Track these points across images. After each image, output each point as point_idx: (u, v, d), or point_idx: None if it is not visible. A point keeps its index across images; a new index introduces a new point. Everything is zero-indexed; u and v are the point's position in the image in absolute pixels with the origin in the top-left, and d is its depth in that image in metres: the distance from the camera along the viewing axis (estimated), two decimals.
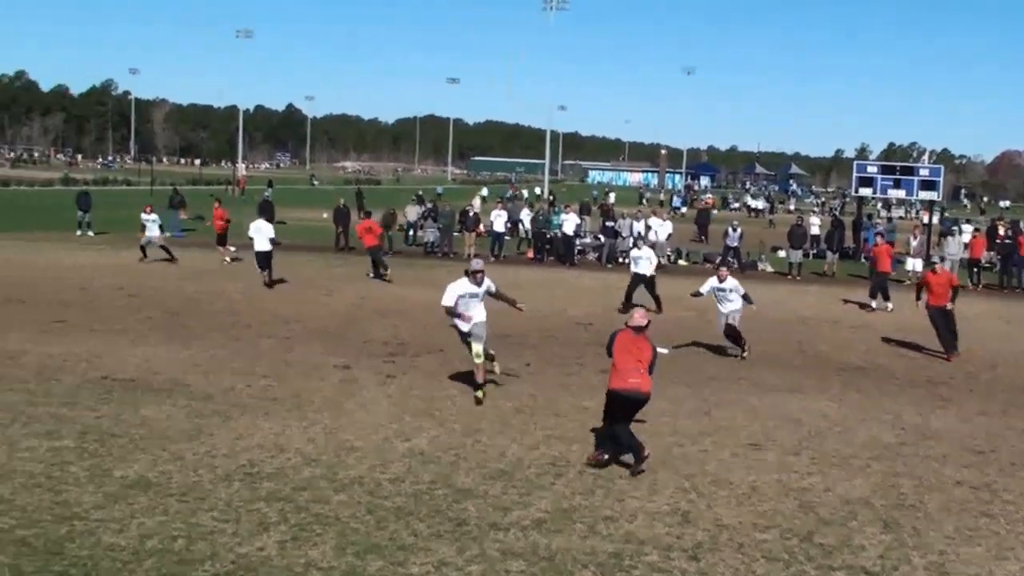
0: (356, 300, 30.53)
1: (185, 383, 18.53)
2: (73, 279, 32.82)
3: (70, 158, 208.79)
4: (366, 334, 24.42)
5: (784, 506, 13.03)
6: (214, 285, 32.51)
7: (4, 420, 15.50)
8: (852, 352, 25.38)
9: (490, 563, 10.71)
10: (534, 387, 19.40)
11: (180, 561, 10.39)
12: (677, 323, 28.53)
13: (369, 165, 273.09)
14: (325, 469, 13.72)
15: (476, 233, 48.36)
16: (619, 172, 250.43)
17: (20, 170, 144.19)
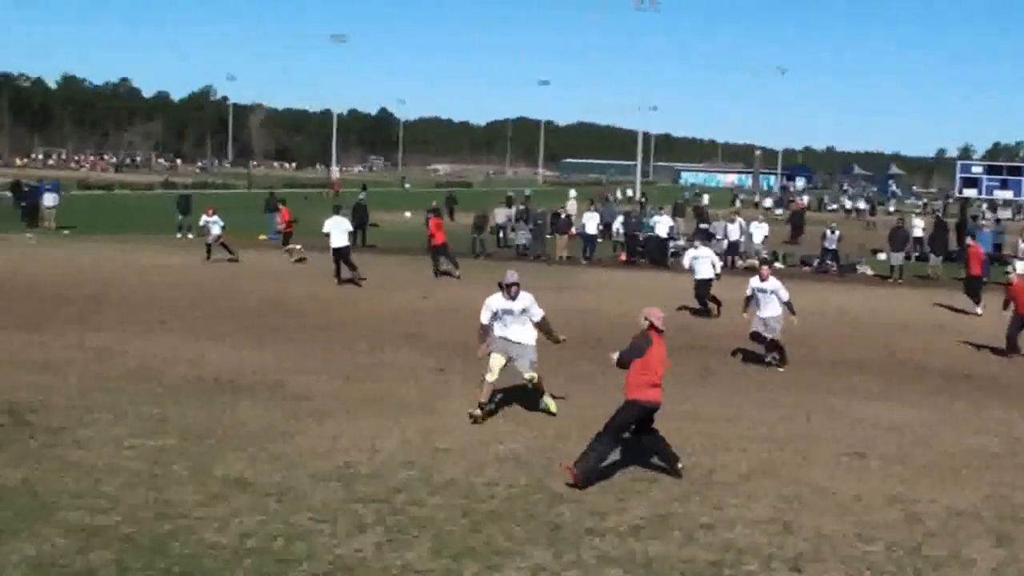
0: (450, 303, 30.56)
1: (282, 384, 18.69)
2: (174, 281, 33.35)
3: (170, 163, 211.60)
4: (460, 337, 24.40)
5: (889, 516, 12.79)
6: (311, 287, 32.73)
7: (109, 419, 15.73)
8: (957, 359, 24.93)
9: (586, 569, 10.65)
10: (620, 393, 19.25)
11: (279, 561, 10.48)
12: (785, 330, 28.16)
13: (461, 167, 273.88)
14: (420, 471, 13.74)
15: (568, 236, 48.24)
16: (712, 173, 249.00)
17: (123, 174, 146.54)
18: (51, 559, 10.28)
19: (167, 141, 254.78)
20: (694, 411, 17.93)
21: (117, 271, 35.36)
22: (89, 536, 10.90)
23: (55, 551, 10.47)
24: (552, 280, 37.53)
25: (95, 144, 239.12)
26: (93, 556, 10.37)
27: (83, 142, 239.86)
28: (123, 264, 37.56)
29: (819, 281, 41.58)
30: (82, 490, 12.40)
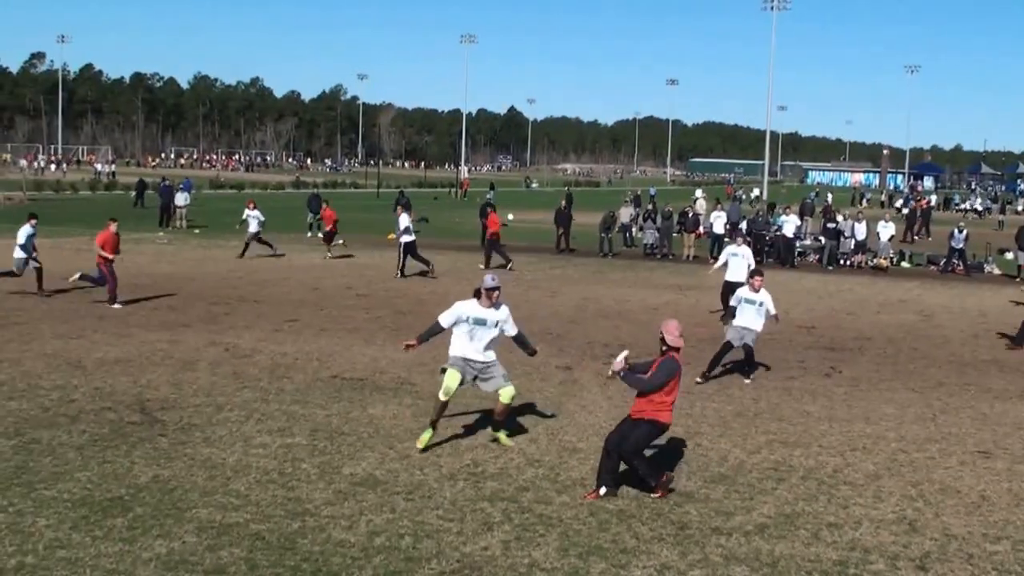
0: (579, 301, 30.60)
1: (411, 382, 18.90)
2: (304, 279, 33.81)
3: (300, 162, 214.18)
4: (588, 336, 24.46)
5: (1016, 516, 12.62)
6: (442, 286, 32.94)
7: (239, 417, 16.02)
8: None
9: (712, 568, 10.62)
10: (755, 391, 19.22)
11: (407, 559, 10.55)
12: (900, 327, 27.97)
13: (589, 167, 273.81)
14: (547, 470, 13.80)
15: (696, 235, 48.07)
16: (839, 172, 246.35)
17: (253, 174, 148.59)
18: (182, 556, 10.44)
19: (297, 140, 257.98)
20: (820, 411, 17.84)
21: (247, 270, 35.94)
22: (219, 534, 11.06)
23: (186, 548, 10.64)
24: (679, 278, 37.53)
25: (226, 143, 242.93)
26: (223, 554, 10.52)
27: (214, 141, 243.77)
28: (253, 263, 38.08)
29: (946, 281, 41.02)
30: (212, 488, 12.61)
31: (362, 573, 10.19)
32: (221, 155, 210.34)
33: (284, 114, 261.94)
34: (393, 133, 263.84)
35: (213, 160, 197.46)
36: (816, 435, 16.14)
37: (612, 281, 36.57)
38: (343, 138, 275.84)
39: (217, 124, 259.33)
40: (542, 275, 37.84)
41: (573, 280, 36.44)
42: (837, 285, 37.16)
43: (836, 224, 47.44)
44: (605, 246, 46.79)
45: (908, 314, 30.35)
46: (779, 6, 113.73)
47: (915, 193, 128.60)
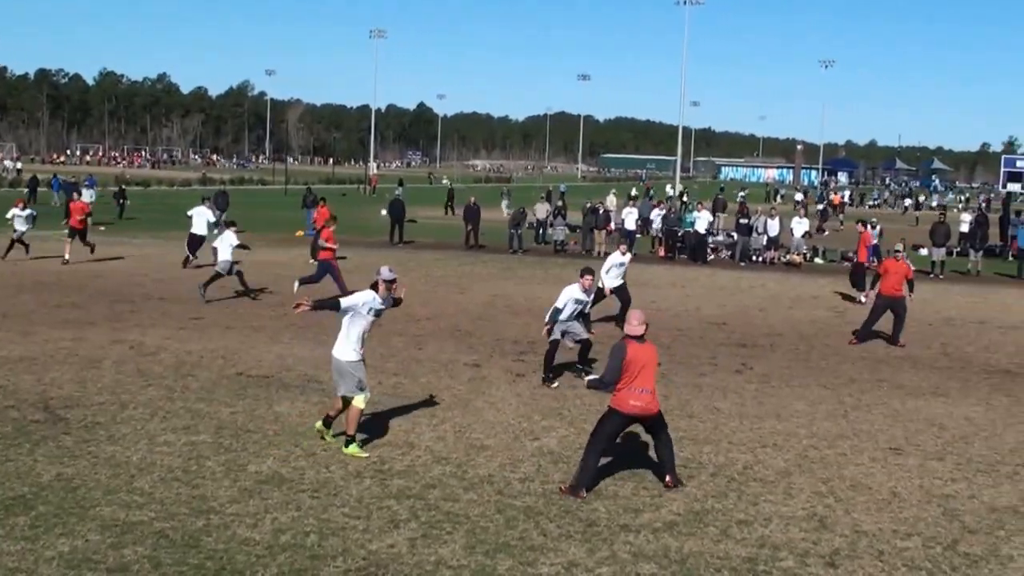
0: (488, 298, 30.55)
1: (318, 380, 18.70)
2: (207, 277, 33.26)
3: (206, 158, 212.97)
4: (497, 333, 24.44)
5: (927, 513, 12.71)
6: (348, 283, 32.69)
7: (144, 415, 15.86)
8: (1001, 354, 24.66)
9: (620, 565, 10.62)
10: (665, 387, 19.13)
11: (312, 556, 10.49)
12: (812, 323, 28.19)
13: (500, 163, 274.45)
14: (455, 467, 13.76)
15: (607, 231, 48.19)
16: (753, 168, 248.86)
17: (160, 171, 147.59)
18: (85, 554, 10.33)
19: (204, 137, 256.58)
20: (731, 407, 17.91)
21: (153, 267, 35.56)
22: (123, 532, 10.94)
23: (89, 546, 10.52)
24: None
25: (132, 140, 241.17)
26: (127, 552, 10.41)
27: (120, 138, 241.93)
28: (159, 260, 37.71)
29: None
30: (116, 486, 12.47)
31: (267, 571, 10.11)
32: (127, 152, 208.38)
33: (191, 110, 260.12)
34: (301, 129, 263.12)
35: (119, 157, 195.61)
36: (726, 432, 16.18)
37: (522, 278, 36.57)
38: (250, 134, 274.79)
39: (123, 121, 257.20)
40: (451, 272, 37.76)
41: (482, 277, 36.40)
42: (749, 281, 37.41)
43: (748, 220, 47.78)
44: (515, 243, 46.76)
45: (821, 310, 30.60)
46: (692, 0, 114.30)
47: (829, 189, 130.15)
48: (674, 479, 13.32)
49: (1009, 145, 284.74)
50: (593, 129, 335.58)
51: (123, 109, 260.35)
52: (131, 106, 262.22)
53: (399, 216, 49.37)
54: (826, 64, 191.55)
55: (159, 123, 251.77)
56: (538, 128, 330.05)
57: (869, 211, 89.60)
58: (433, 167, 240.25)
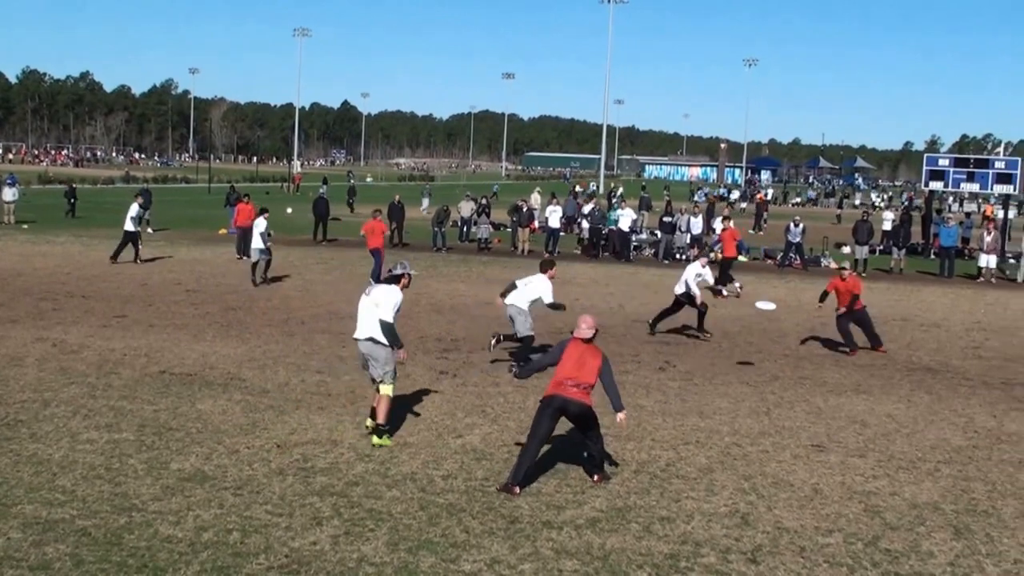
0: (411, 296, 30.39)
1: (241, 378, 18.70)
2: (134, 275, 33.28)
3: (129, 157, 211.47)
4: (420, 330, 24.44)
5: (848, 509, 12.84)
6: (271, 281, 32.67)
7: (66, 413, 15.75)
8: (922, 351, 25.08)
9: (543, 562, 10.65)
10: None
11: (235, 554, 10.45)
12: (736, 320, 28.56)
13: (424, 161, 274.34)
14: (378, 465, 13.76)
15: (531, 229, 48.32)
16: (677, 167, 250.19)
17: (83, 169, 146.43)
18: (6, 552, 10.25)
19: (128, 135, 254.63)
20: (654, 405, 18.05)
21: (75, 266, 35.25)
22: (45, 529, 10.87)
23: (10, 544, 10.45)
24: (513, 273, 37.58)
25: (56, 138, 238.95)
26: (49, 549, 10.34)
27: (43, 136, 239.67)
28: (82, 258, 37.43)
29: (783, 275, 41.76)
30: (38, 484, 12.38)
31: (189, 568, 10.06)
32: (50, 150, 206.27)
33: (114, 109, 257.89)
34: (225, 128, 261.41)
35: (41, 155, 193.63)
36: (649, 429, 16.28)
37: (445, 276, 36.63)
38: (174, 133, 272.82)
39: (46, 119, 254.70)
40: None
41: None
42: (673, 279, 37.36)
43: (672, 218, 48.11)
44: (439, 240, 46.76)
45: (743, 308, 30.79)
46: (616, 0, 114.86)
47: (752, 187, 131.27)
48: (604, 476, 13.47)
49: (932, 144, 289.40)
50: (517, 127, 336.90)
51: (46, 107, 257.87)
52: (54, 104, 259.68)
53: (323, 214, 49.29)
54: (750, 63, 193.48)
55: (83, 121, 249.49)
56: (462, 127, 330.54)
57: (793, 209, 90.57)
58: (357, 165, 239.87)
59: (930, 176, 52.67)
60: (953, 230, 46.14)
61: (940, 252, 45.70)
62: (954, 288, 39.47)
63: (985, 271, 43.05)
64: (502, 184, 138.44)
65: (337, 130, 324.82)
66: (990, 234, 44.72)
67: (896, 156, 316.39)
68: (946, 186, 53.19)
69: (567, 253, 47.07)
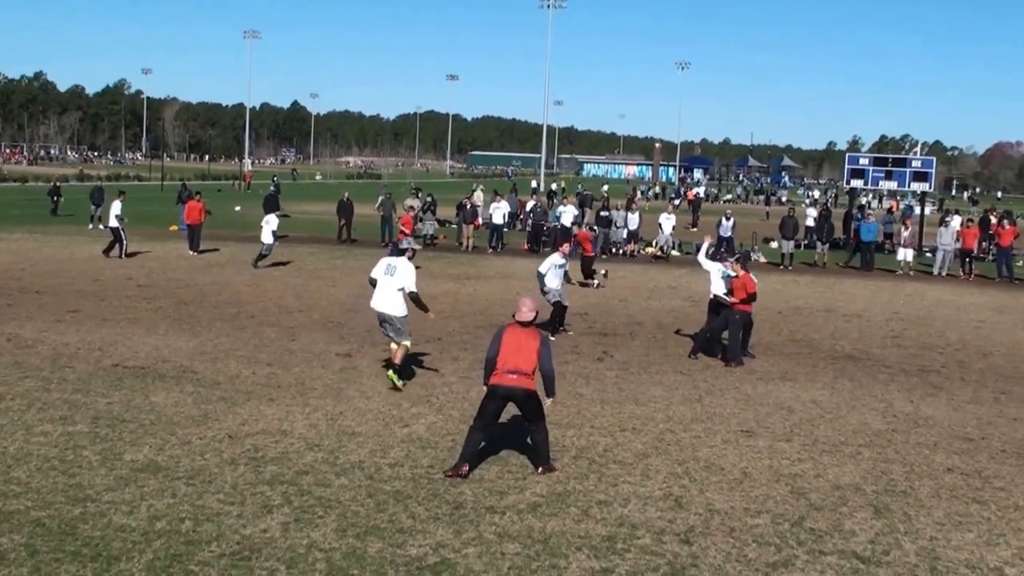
0: (359, 290, 30.66)
1: (193, 370, 18.92)
2: (86, 271, 33.32)
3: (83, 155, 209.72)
4: (368, 324, 24.51)
5: (775, 491, 13.25)
6: (221, 277, 32.84)
7: (20, 406, 15.90)
8: (844, 341, 25.61)
9: (486, 545, 10.95)
10: None
11: (187, 542, 10.66)
12: (670, 312, 28.94)
13: (371, 160, 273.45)
14: (327, 454, 14.03)
15: (475, 225, 48.59)
16: (614, 165, 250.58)
17: (37, 167, 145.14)
18: None
19: (82, 134, 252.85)
20: (592, 393, 18.44)
21: (29, 262, 35.16)
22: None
23: None
24: (458, 268, 37.94)
25: (10, 137, 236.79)
26: (3, 540, 10.50)
27: None
28: (35, 255, 37.34)
29: None
30: None
31: (143, 557, 10.23)
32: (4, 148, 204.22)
33: (68, 108, 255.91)
34: (177, 127, 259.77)
35: None
36: (588, 416, 16.69)
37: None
38: (127, 132, 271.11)
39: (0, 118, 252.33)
40: (323, 264, 38.04)
41: (354, 270, 36.51)
42: (611, 273, 37.97)
43: (608, 213, 48.54)
44: (386, 235, 46.99)
45: (677, 300, 31.35)
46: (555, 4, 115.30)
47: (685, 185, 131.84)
48: (548, 467, 13.68)
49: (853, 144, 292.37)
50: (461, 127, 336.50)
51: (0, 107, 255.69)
52: (8, 104, 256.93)
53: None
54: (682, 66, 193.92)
55: (36, 120, 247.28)
56: (408, 126, 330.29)
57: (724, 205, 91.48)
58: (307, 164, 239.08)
59: (851, 174, 53.43)
60: (873, 226, 47.17)
61: (860, 246, 46.49)
62: (874, 280, 40.12)
63: (903, 264, 43.94)
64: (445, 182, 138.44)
65: (287, 130, 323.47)
66: (907, 229, 45.78)
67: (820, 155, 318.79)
68: (866, 184, 53.95)
69: (511, 248, 47.38)
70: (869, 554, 11.28)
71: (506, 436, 15.03)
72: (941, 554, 11.40)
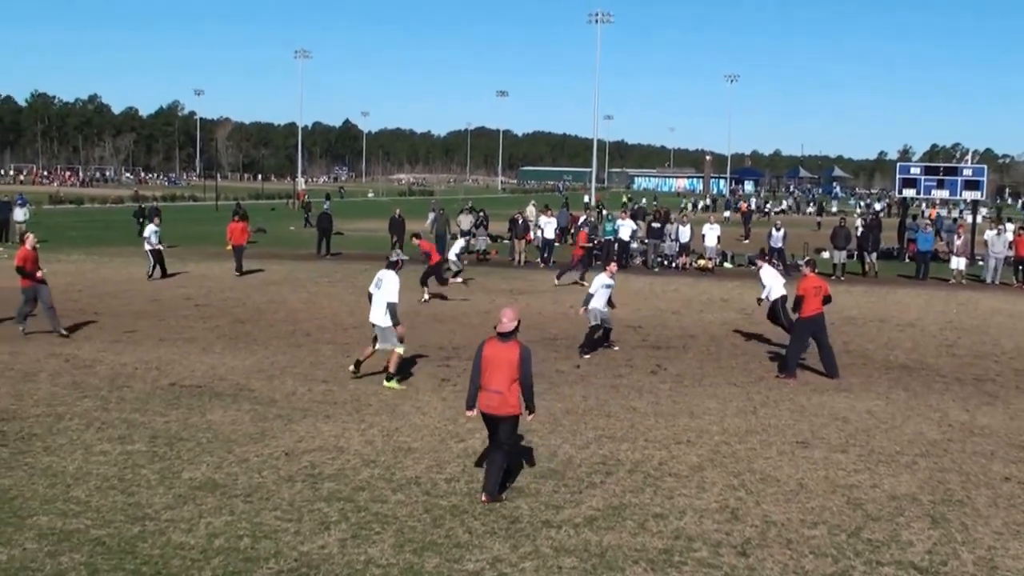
0: (414, 306, 30.83)
1: (249, 388, 19.09)
2: (144, 291, 33.63)
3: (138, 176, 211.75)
4: (423, 339, 24.71)
5: (832, 502, 13.19)
6: (278, 295, 32.97)
7: (79, 426, 16.10)
8: (898, 350, 25.37)
9: (543, 559, 10.98)
10: (584, 389, 19.70)
11: (246, 559, 10.77)
12: (723, 324, 28.88)
13: (423, 176, 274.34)
14: (383, 470, 14.10)
15: (526, 240, 48.62)
16: (665, 178, 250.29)
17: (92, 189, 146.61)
18: (23, 563, 10.55)
19: (136, 155, 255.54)
20: (646, 406, 18.40)
21: (87, 283, 35.44)
22: (60, 540, 11.17)
23: (26, 555, 10.75)
24: (512, 283, 37.94)
25: (65, 159, 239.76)
26: (64, 559, 10.63)
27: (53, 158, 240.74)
28: (93, 275, 37.62)
29: None
30: (53, 495, 12.70)
31: (201, 574, 10.37)
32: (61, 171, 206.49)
33: (122, 130, 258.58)
34: (230, 147, 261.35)
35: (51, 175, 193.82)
36: (642, 430, 16.65)
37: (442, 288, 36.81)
38: (181, 152, 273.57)
39: (56, 141, 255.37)
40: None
41: (408, 286, 36.47)
42: (663, 286, 37.87)
43: (661, 226, 48.45)
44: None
45: (730, 312, 31.19)
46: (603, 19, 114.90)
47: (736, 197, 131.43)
48: (491, 497, 12.94)
49: (904, 153, 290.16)
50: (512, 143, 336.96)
51: (55, 130, 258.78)
52: (64, 127, 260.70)
53: (327, 228, 49.68)
54: (731, 78, 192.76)
55: (91, 143, 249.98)
56: (459, 143, 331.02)
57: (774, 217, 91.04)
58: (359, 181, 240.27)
59: (903, 184, 52.89)
60: (929, 236, 46.61)
61: (916, 256, 46.10)
62: (927, 290, 39.71)
63: (956, 273, 43.56)
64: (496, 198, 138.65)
65: (339, 148, 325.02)
66: (960, 238, 45.30)
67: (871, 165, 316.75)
68: (918, 193, 53.40)
69: (562, 263, 47.31)
70: (927, 564, 11.22)
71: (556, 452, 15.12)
72: (999, 563, 11.34)
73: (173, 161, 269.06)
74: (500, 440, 13.17)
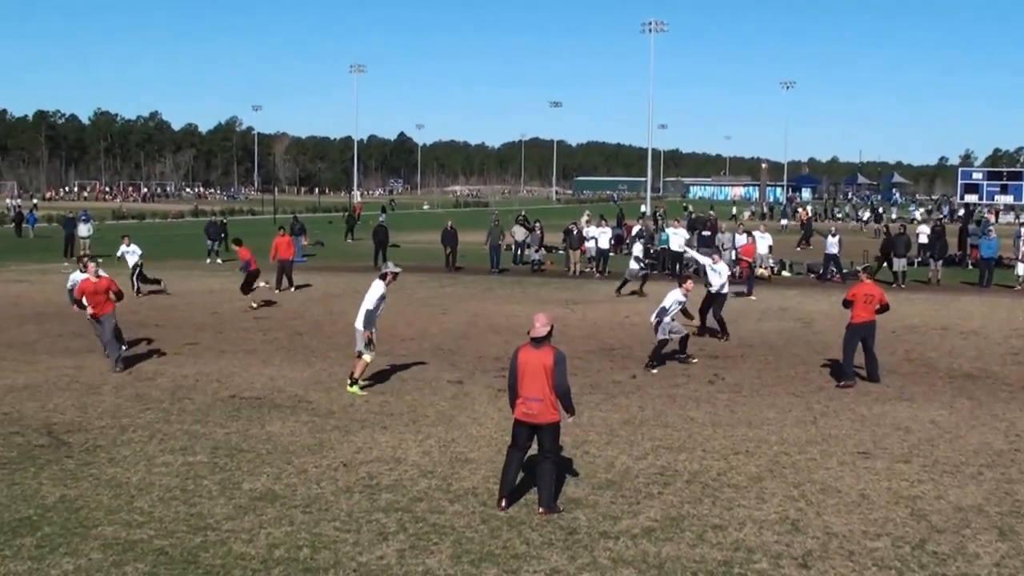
0: (469, 318, 30.87)
1: (308, 400, 19.20)
2: (204, 304, 33.96)
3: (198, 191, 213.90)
4: (479, 350, 24.79)
5: (895, 514, 13.04)
6: (336, 307, 33.09)
7: (142, 438, 16.30)
8: (962, 359, 25.02)
9: (601, 571, 10.95)
10: (641, 399, 19.64)
11: (305, 569, 10.83)
12: (781, 333, 28.68)
13: (477, 188, 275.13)
14: (440, 480, 14.12)
15: (581, 251, 48.57)
16: (720, 187, 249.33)
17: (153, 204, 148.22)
18: (88, 573, 10.68)
19: (196, 170, 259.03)
20: (704, 416, 18.32)
21: (147, 296, 35.89)
22: (124, 550, 11.29)
23: (92, 565, 10.87)
24: (566, 293, 37.91)
25: (127, 175, 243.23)
26: (128, 569, 10.75)
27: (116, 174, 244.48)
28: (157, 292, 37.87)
29: (824, 288, 41.29)
30: (117, 506, 12.84)
31: None
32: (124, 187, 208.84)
33: (182, 146, 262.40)
34: (288, 161, 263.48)
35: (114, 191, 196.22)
36: (700, 440, 16.56)
37: (501, 297, 36.87)
38: (239, 167, 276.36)
39: (118, 157, 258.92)
40: (433, 293, 38.05)
41: (463, 297, 36.68)
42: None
43: (712, 235, 48.27)
44: (495, 263, 47.32)
45: (788, 321, 30.96)
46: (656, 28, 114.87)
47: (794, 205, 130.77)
48: (548, 509, 12.89)
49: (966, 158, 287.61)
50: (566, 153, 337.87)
51: (118, 147, 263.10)
52: (125, 143, 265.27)
53: (383, 241, 49.91)
54: (787, 85, 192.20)
55: (152, 159, 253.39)
56: (513, 154, 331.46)
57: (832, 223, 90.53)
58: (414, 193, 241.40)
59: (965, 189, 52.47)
60: (994, 242, 45.85)
61: (980, 263, 45.59)
62: (991, 297, 39.26)
63: (1021, 279, 43.00)
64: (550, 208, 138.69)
65: (394, 160, 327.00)
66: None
67: (932, 171, 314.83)
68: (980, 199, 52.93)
69: (617, 273, 47.22)
70: None
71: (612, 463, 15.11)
72: None
73: (231, 176, 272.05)
74: (545, 449, 13.03)
